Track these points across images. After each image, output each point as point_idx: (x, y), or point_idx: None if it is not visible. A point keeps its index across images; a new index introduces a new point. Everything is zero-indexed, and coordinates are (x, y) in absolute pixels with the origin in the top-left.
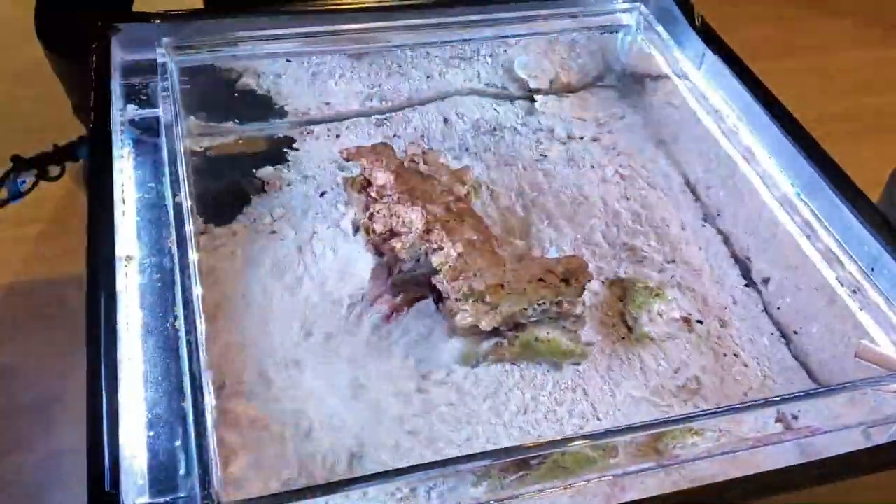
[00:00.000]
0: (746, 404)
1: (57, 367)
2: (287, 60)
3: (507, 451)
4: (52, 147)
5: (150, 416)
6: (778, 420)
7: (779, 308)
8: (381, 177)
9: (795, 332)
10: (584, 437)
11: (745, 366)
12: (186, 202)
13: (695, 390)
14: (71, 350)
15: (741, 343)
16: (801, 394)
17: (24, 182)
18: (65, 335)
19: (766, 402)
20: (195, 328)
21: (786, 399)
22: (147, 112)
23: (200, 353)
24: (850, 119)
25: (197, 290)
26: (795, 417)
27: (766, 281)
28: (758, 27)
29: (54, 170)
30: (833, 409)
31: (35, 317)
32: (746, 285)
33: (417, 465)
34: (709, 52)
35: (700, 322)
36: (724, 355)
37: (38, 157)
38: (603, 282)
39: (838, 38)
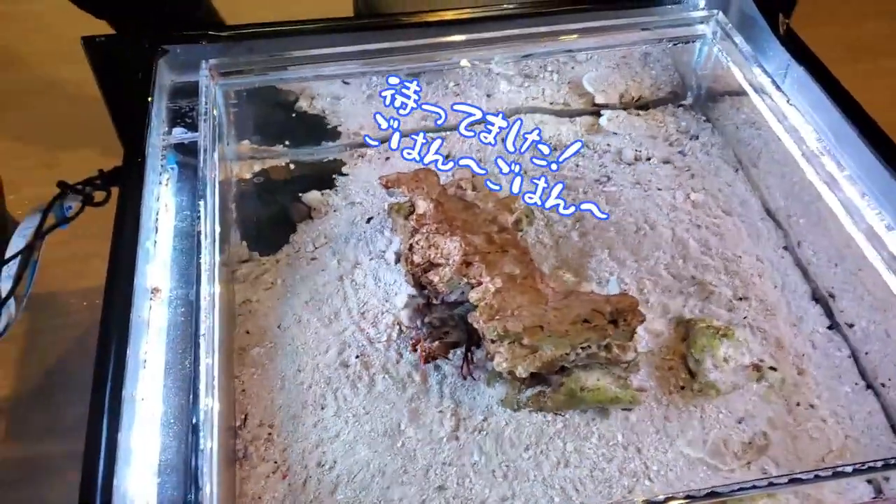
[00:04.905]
0: (817, 473)
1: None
2: (344, 83)
3: None
4: (97, 172)
5: (160, 460)
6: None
7: (867, 354)
8: (422, 205)
9: (884, 385)
10: None
11: (824, 422)
12: (211, 230)
13: (762, 448)
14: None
15: (819, 394)
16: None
17: (70, 208)
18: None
19: (865, 468)
20: (208, 368)
21: (888, 466)
22: (191, 136)
23: (213, 394)
24: None
25: (207, 325)
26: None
27: (851, 323)
28: (826, 29)
29: (100, 195)
30: None
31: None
32: (829, 327)
33: None
34: (794, 64)
35: (773, 369)
36: (799, 406)
37: (83, 182)
38: (671, 320)
39: None
